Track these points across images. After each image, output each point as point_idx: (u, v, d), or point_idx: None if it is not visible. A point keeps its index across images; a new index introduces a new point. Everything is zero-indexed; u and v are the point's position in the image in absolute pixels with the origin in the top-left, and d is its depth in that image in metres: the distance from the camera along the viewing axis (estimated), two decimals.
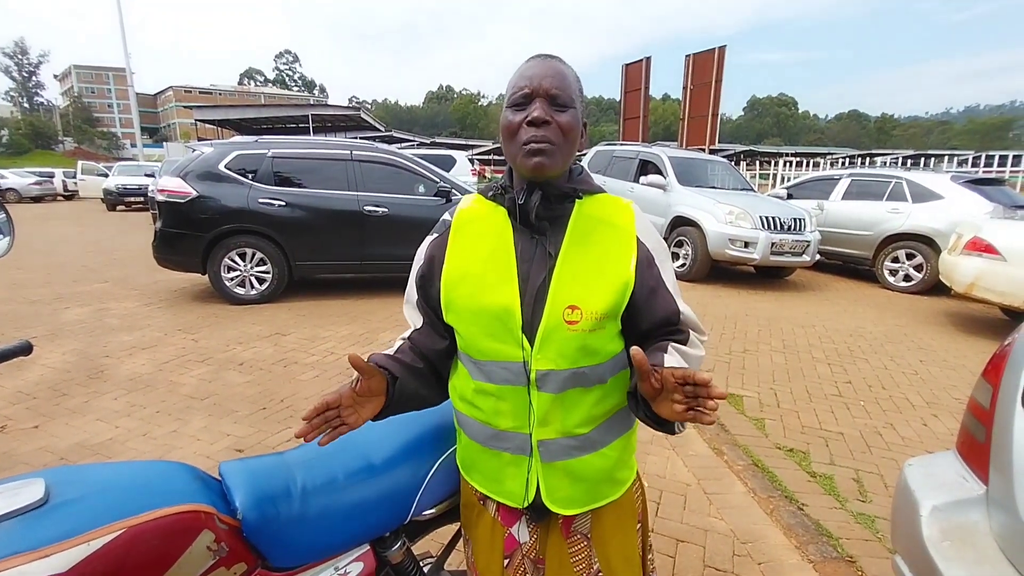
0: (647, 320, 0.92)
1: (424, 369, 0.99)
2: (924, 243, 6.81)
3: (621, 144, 10.45)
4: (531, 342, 0.87)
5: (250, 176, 5.35)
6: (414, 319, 1.02)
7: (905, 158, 32.00)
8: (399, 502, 1.04)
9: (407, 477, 1.05)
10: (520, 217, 0.90)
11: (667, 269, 0.95)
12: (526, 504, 0.94)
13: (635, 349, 0.74)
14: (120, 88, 75.30)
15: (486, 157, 35.54)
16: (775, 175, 23.09)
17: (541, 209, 0.89)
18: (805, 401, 3.48)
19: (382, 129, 35.03)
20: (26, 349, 1.00)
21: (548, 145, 0.84)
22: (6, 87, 69.52)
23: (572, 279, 0.88)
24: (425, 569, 1.19)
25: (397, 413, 0.96)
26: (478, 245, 0.93)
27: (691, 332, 0.93)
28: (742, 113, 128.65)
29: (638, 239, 0.92)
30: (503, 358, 0.89)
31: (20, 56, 65.99)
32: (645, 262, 0.91)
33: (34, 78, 68.86)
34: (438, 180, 5.90)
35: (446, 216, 1.01)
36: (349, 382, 0.86)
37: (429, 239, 1.01)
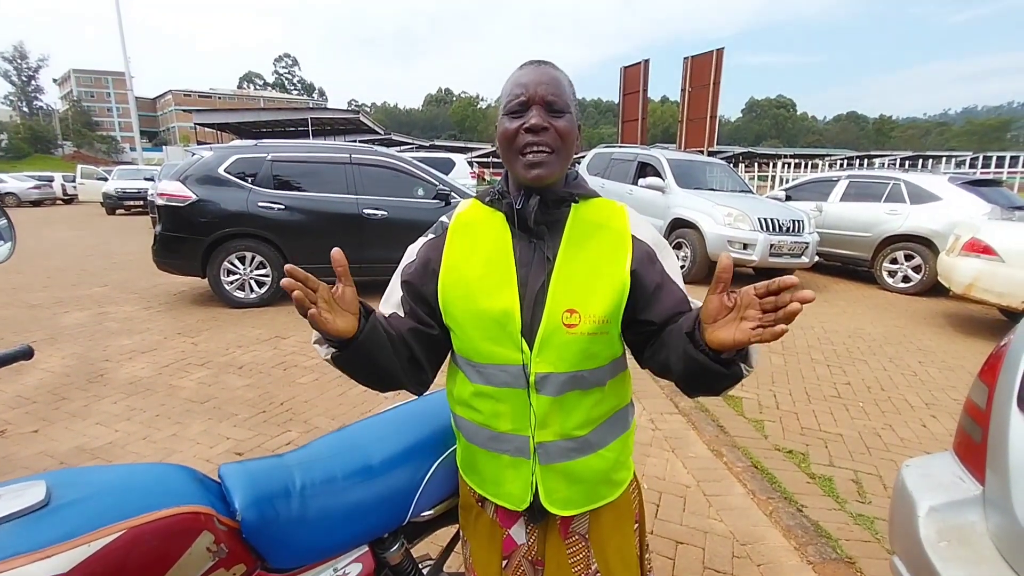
0: (659, 314, 0.91)
1: (395, 337, 0.91)
2: (922, 244, 6.83)
3: (620, 146, 10.48)
4: (530, 345, 0.88)
5: (250, 180, 5.36)
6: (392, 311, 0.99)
7: (903, 159, 32.10)
8: (397, 503, 1.04)
9: (405, 478, 1.05)
10: (518, 222, 0.91)
11: (670, 263, 0.95)
12: (526, 506, 0.94)
13: (725, 254, 0.70)
14: (119, 92, 75.43)
15: (485, 160, 35.61)
16: (774, 177, 23.17)
17: (539, 214, 0.89)
18: (804, 403, 3.48)
19: (381, 132, 35.15)
20: (27, 353, 1.00)
21: (546, 154, 0.85)
22: (5, 91, 69.68)
23: (570, 283, 0.88)
24: (424, 571, 1.19)
25: (363, 361, 0.87)
26: (476, 250, 0.93)
27: None
28: (740, 115, 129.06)
29: (633, 237, 0.93)
30: (503, 361, 0.89)
31: (19, 60, 66.02)
32: (646, 259, 0.92)
33: (33, 82, 68.85)
34: (437, 183, 5.91)
35: (443, 219, 1.01)
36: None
37: (423, 239, 1.01)
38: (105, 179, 19.97)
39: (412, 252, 1.01)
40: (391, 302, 1.00)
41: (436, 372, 1.02)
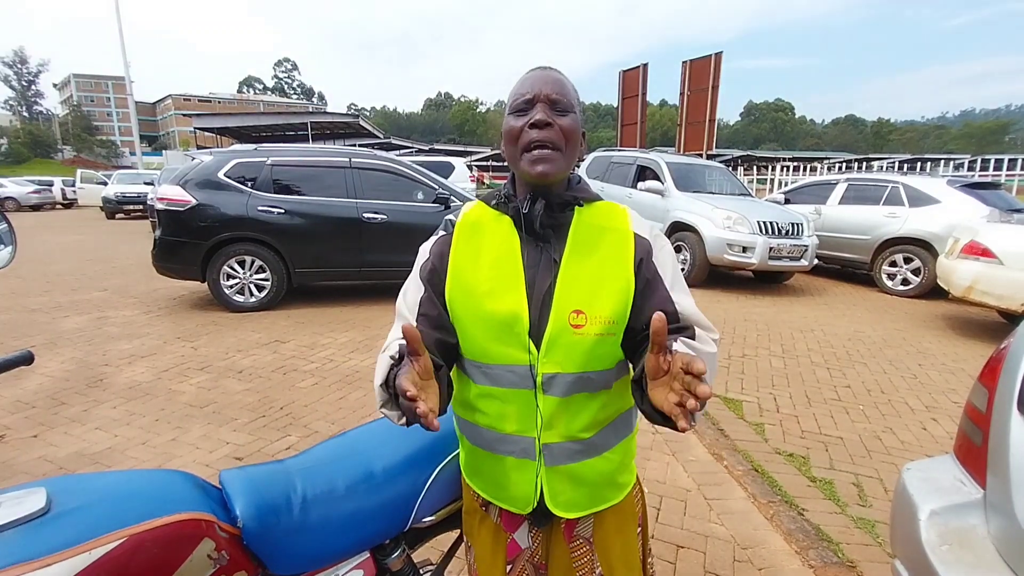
0: (644, 314, 0.89)
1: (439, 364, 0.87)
2: (921, 247, 6.84)
3: (619, 150, 10.50)
4: (537, 346, 0.88)
5: (249, 184, 5.37)
6: (409, 314, 0.94)
7: (902, 162, 32.12)
8: (399, 510, 1.04)
9: (406, 485, 1.05)
10: (525, 226, 0.92)
11: (665, 262, 0.93)
12: (531, 509, 0.94)
13: (658, 315, 0.65)
14: (119, 97, 75.71)
15: (484, 163, 35.69)
16: (772, 180, 23.20)
17: (545, 217, 0.90)
18: (804, 406, 3.48)
19: (381, 136, 35.23)
20: (27, 359, 1.00)
21: (550, 151, 0.86)
22: (5, 96, 69.93)
23: (576, 284, 0.89)
24: None
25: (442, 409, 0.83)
26: (483, 252, 0.93)
27: (697, 328, 0.88)
28: (739, 118, 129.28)
29: (635, 235, 0.93)
30: (510, 361, 0.89)
31: (19, 65, 66.27)
32: (645, 256, 0.92)
33: (33, 87, 69.11)
34: (437, 187, 5.92)
35: (451, 217, 1.01)
36: (405, 371, 0.70)
37: (435, 238, 1.00)
38: (105, 183, 19.97)
39: (425, 251, 0.99)
40: (408, 301, 0.96)
41: None
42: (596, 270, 0.90)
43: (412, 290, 0.97)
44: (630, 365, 0.92)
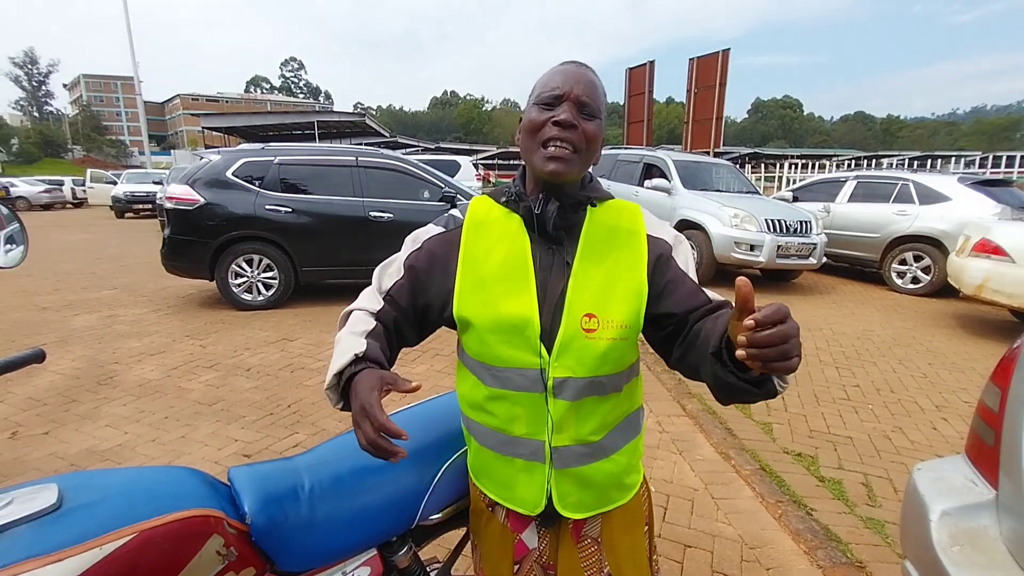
0: (676, 305, 0.89)
1: (391, 358, 0.93)
2: (932, 245, 6.77)
3: (625, 148, 10.47)
4: (549, 350, 0.87)
5: (257, 183, 5.40)
6: (379, 292, 0.98)
7: (911, 159, 31.80)
8: (406, 507, 1.04)
9: (414, 482, 1.05)
10: (536, 226, 0.90)
11: (683, 256, 0.94)
12: (539, 511, 0.94)
13: (741, 279, 0.64)
14: (128, 96, 76.45)
15: (490, 162, 35.68)
16: (780, 177, 23.04)
17: (557, 219, 0.89)
18: (813, 405, 3.46)
19: (387, 135, 35.34)
20: (39, 356, 1.01)
21: (569, 152, 0.85)
22: (16, 96, 70.64)
23: (588, 288, 0.88)
24: (432, 574, 1.19)
25: None
26: (493, 252, 0.92)
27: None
28: (746, 116, 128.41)
29: (649, 237, 0.92)
30: (520, 365, 0.88)
31: (30, 66, 67.06)
32: (662, 256, 0.92)
33: (44, 87, 69.93)
34: (443, 185, 5.93)
35: (455, 213, 0.99)
36: (373, 393, 0.77)
37: (433, 231, 0.98)
38: (114, 183, 20.14)
39: (418, 240, 0.98)
40: (387, 276, 0.97)
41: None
42: (609, 273, 0.89)
43: (394, 271, 0.97)
44: (701, 337, 0.84)
